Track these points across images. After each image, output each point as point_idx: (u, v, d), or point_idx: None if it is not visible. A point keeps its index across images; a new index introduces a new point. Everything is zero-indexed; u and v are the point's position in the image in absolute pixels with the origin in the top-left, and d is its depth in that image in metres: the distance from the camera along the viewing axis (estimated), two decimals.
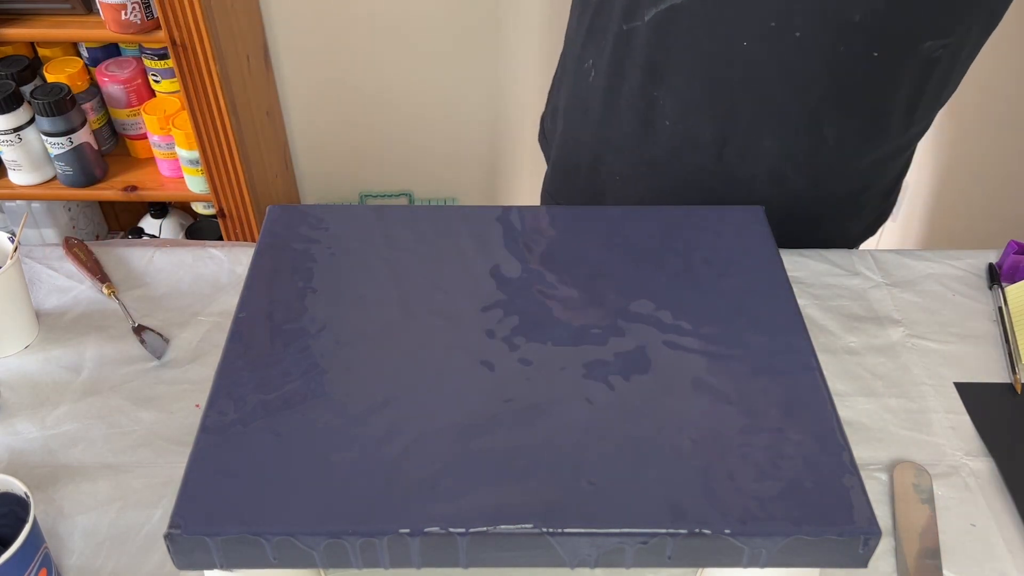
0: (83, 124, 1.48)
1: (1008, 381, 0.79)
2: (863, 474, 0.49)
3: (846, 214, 0.92)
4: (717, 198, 0.84)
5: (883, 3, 0.71)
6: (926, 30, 0.74)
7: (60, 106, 1.43)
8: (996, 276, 0.89)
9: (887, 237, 1.68)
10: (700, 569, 0.60)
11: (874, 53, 0.74)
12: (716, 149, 0.82)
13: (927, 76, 0.78)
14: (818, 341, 0.81)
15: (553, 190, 1.00)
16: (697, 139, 0.82)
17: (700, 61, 0.77)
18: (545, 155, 1.02)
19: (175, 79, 1.49)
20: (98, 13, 1.39)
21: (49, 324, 0.83)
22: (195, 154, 1.51)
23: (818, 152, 0.82)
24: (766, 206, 0.71)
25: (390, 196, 1.93)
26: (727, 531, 0.46)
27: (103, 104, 1.58)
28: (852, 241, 0.97)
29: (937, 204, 1.50)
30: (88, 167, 1.53)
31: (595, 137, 0.88)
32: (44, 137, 1.48)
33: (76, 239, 0.91)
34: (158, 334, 0.81)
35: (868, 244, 1.07)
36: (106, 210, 1.91)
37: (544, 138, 1.02)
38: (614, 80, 0.83)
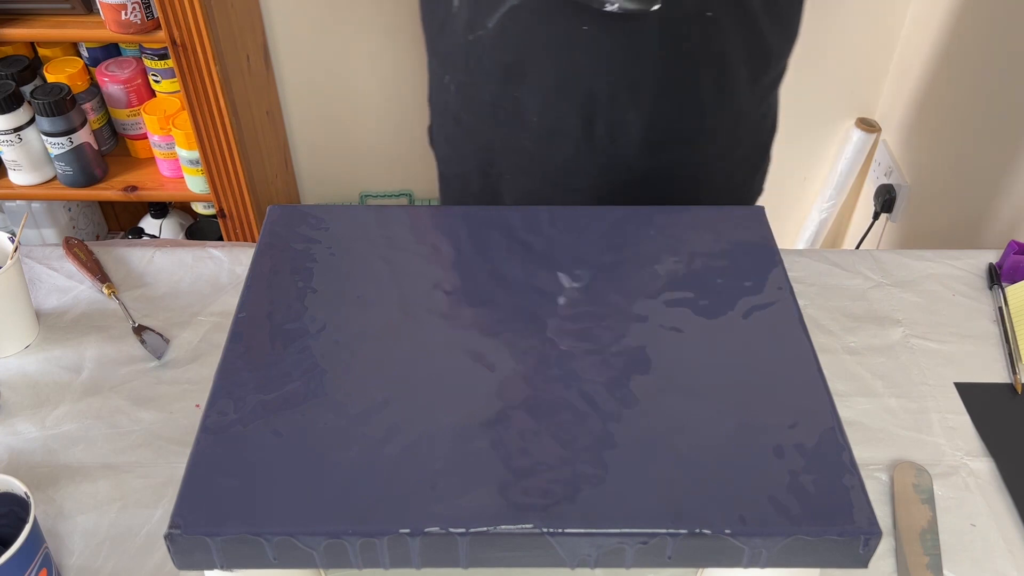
0: (83, 124, 1.48)
1: (1008, 381, 0.79)
2: (863, 474, 0.49)
3: (729, 171, 0.93)
4: (601, 179, 0.87)
5: None
6: None
7: (60, 106, 1.43)
8: (996, 276, 0.89)
9: (887, 237, 1.68)
10: (700, 569, 0.60)
11: (707, 13, 0.76)
12: (585, 133, 0.84)
13: (758, 25, 0.80)
14: (818, 341, 0.81)
15: (447, 199, 1.04)
16: (565, 127, 0.84)
17: (548, 52, 0.79)
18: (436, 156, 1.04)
19: (175, 79, 1.49)
20: (98, 13, 1.39)
21: (49, 324, 0.83)
22: (195, 154, 1.51)
23: (680, 117, 0.84)
24: (647, 177, 0.77)
25: (390, 196, 1.93)
26: (727, 531, 0.46)
27: (103, 104, 1.58)
28: (751, 197, 0.97)
29: (937, 204, 1.50)
30: (88, 167, 1.53)
31: (474, 144, 0.91)
32: (44, 137, 1.48)
33: (76, 239, 0.91)
34: (158, 334, 0.81)
35: (868, 244, 1.07)
36: (106, 210, 1.91)
37: (433, 147, 1.04)
38: (473, 90, 0.86)
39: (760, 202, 0.76)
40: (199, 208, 1.84)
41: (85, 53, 1.58)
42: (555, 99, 0.82)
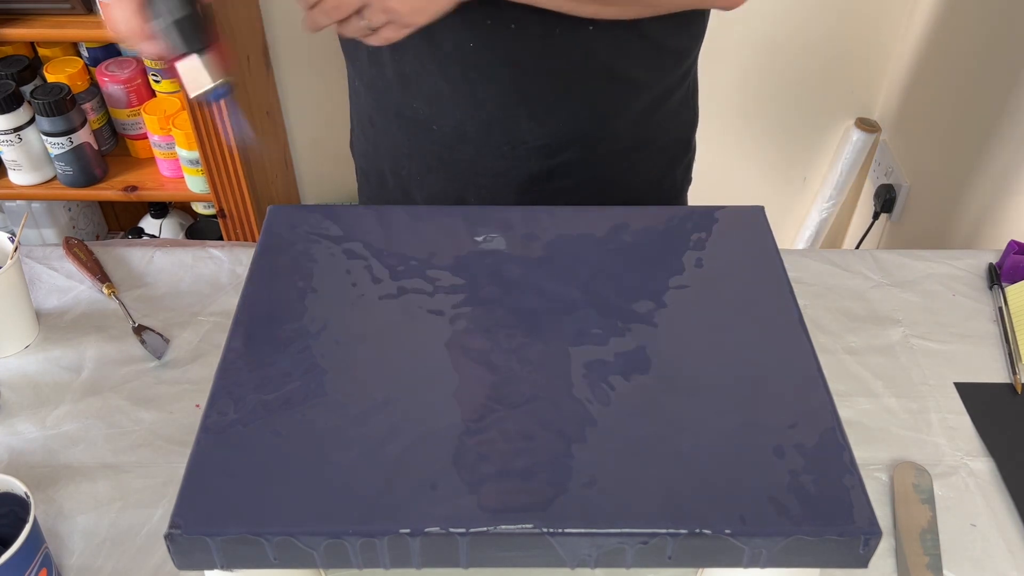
0: (83, 124, 1.48)
1: (1008, 381, 0.79)
2: (863, 474, 0.49)
3: (643, 165, 0.93)
4: (508, 177, 0.88)
5: None
6: None
7: (60, 106, 1.43)
8: (996, 276, 0.89)
9: (887, 237, 1.68)
10: (700, 569, 0.60)
11: (589, 27, 0.77)
12: (484, 139, 0.85)
13: (647, 31, 0.80)
14: (818, 341, 0.81)
15: (364, 197, 1.05)
16: (464, 133, 0.85)
17: (438, 65, 0.81)
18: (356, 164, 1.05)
19: (175, 79, 1.48)
20: (98, 13, 1.39)
21: (49, 324, 0.83)
22: (195, 154, 1.51)
23: (577, 122, 0.85)
24: (553, 172, 0.80)
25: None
26: (727, 531, 0.46)
27: (103, 104, 1.58)
28: (675, 188, 0.98)
29: (937, 204, 1.50)
30: (88, 167, 1.53)
31: (385, 145, 0.92)
32: (44, 137, 1.48)
33: (76, 239, 0.91)
34: (158, 334, 0.81)
35: (868, 244, 1.07)
36: (106, 210, 1.91)
37: (352, 149, 1.05)
38: (379, 95, 0.87)
39: (755, 201, 0.76)
40: (199, 208, 1.84)
41: (85, 53, 1.58)
42: (451, 108, 0.84)
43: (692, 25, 0.85)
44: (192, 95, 0.59)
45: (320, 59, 1.67)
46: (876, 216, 1.65)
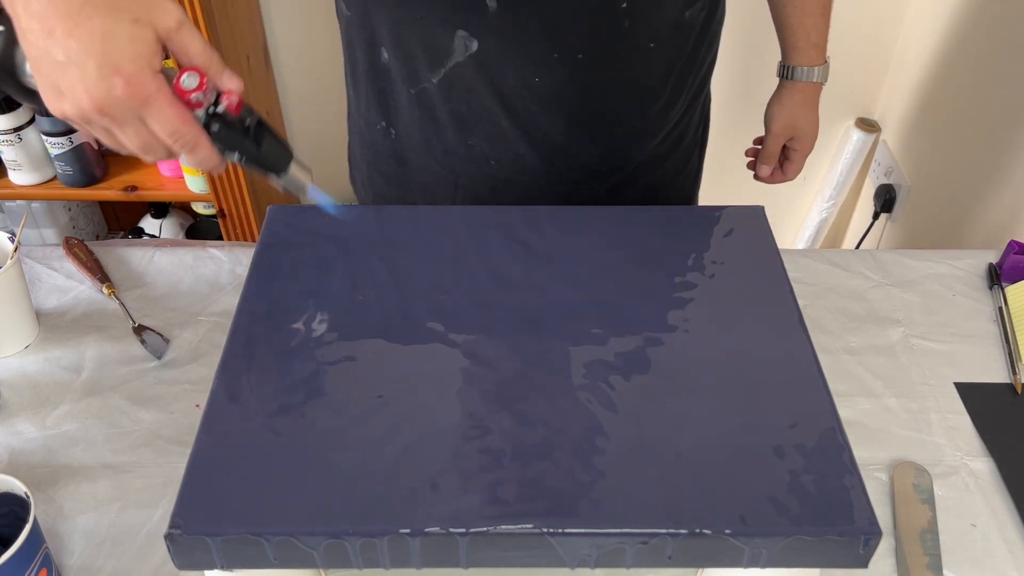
0: None
1: (1008, 381, 0.79)
2: (863, 474, 0.49)
3: (679, 180, 0.97)
4: (572, 203, 0.88)
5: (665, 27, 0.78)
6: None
7: None
8: (996, 276, 0.89)
9: (887, 237, 1.68)
10: (700, 569, 0.60)
11: (650, 44, 0.79)
12: (547, 168, 0.86)
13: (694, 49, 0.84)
14: (818, 341, 0.81)
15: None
16: (524, 166, 0.86)
17: (500, 102, 0.81)
18: (356, 195, 1.04)
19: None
20: None
21: (49, 324, 0.83)
22: None
23: (636, 138, 0.88)
24: (615, 192, 0.83)
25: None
26: (727, 531, 0.46)
27: None
28: (686, 196, 1.01)
29: (937, 204, 1.50)
30: (88, 167, 1.53)
31: (421, 182, 0.91)
32: (44, 137, 1.48)
33: (76, 239, 0.91)
34: (158, 334, 0.81)
35: (868, 244, 1.06)
36: (106, 210, 1.91)
37: (354, 182, 1.04)
38: (423, 136, 0.86)
39: (759, 202, 0.78)
40: (199, 208, 1.84)
41: None
42: (513, 143, 0.84)
43: (718, 33, 0.88)
44: (302, 199, 0.62)
45: (320, 59, 1.67)
46: (876, 216, 1.65)
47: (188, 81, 0.52)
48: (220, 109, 0.54)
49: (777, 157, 0.98)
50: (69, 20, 0.48)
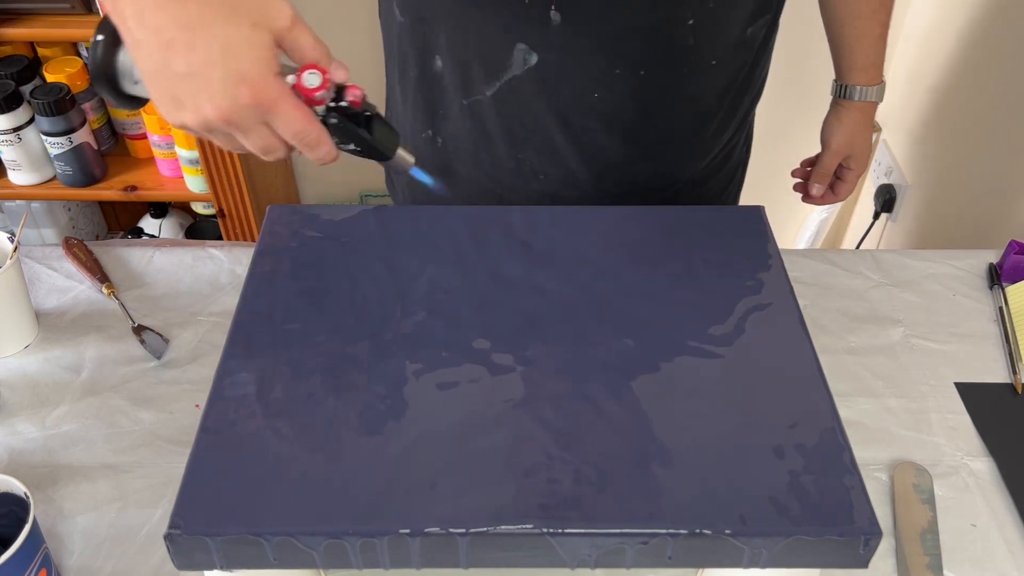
0: (83, 124, 1.48)
1: (1008, 381, 0.79)
2: (863, 474, 0.49)
3: (702, 197, 0.97)
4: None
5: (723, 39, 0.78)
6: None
7: (60, 106, 1.43)
8: (996, 276, 0.89)
9: (887, 237, 1.68)
10: (700, 569, 0.60)
11: (712, 61, 0.79)
12: (597, 183, 0.85)
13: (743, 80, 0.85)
14: (818, 341, 0.80)
15: None
16: (576, 181, 0.85)
17: (556, 116, 0.80)
18: (393, 198, 1.04)
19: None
20: (98, 13, 1.39)
21: (49, 324, 0.83)
22: (195, 154, 1.51)
23: (690, 154, 0.88)
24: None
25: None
26: (727, 531, 0.46)
27: (103, 104, 1.58)
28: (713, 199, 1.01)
29: (937, 204, 1.50)
30: (88, 167, 1.53)
31: (467, 191, 0.90)
32: (44, 137, 1.48)
33: (76, 239, 0.91)
34: (158, 334, 0.81)
35: (868, 244, 1.07)
36: (106, 210, 1.90)
37: (392, 185, 1.04)
38: (472, 147, 0.85)
39: (755, 201, 0.78)
40: (199, 208, 1.84)
41: (85, 53, 1.58)
42: (565, 158, 0.83)
43: (771, 52, 0.89)
44: (406, 177, 0.63)
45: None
46: (876, 216, 1.65)
47: (310, 79, 0.52)
48: (343, 103, 0.54)
49: (831, 176, 0.97)
50: (188, 31, 0.47)
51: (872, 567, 0.59)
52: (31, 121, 1.46)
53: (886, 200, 1.62)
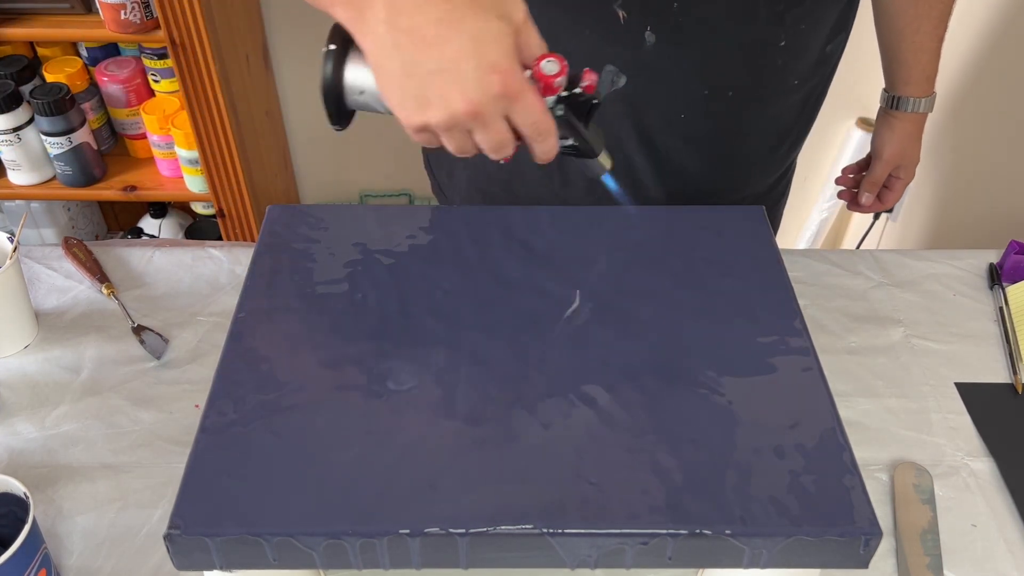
0: (82, 124, 1.48)
1: (1009, 381, 0.79)
2: (864, 474, 0.49)
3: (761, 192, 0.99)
4: None
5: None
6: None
7: (59, 106, 1.43)
8: (997, 276, 0.89)
9: (888, 237, 1.68)
10: (700, 570, 0.60)
11: (794, 81, 0.80)
12: (664, 200, 0.85)
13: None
14: (819, 341, 0.80)
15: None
16: (645, 197, 0.85)
17: (638, 138, 0.80)
18: (433, 178, 1.03)
19: (174, 79, 1.48)
20: (97, 13, 1.39)
21: (48, 324, 0.83)
22: (194, 154, 1.51)
23: (767, 171, 0.90)
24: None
25: (390, 196, 1.92)
26: (728, 531, 0.46)
27: (102, 104, 1.58)
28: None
29: (938, 204, 1.50)
30: (87, 167, 1.52)
31: (517, 195, 0.89)
32: (43, 137, 1.47)
33: (75, 239, 0.91)
34: (157, 334, 0.81)
35: (869, 244, 1.07)
36: (105, 210, 1.90)
37: (430, 167, 1.02)
38: (542, 169, 0.84)
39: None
40: (198, 208, 1.84)
41: (84, 53, 1.58)
42: (645, 179, 0.83)
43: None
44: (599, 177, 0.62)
45: (319, 59, 1.67)
46: (877, 216, 1.65)
47: (549, 67, 0.52)
48: (577, 90, 0.55)
49: (881, 185, 0.98)
50: (442, 26, 0.48)
51: (872, 567, 0.59)
52: (31, 121, 1.46)
53: None
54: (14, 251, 0.77)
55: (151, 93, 1.58)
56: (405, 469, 0.49)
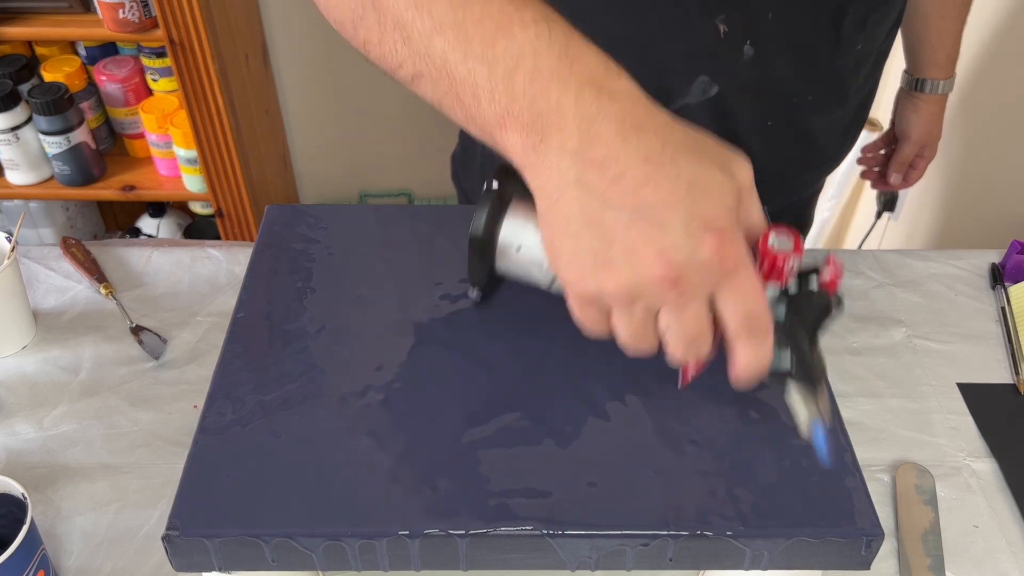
0: (81, 123, 1.48)
1: (1011, 382, 0.79)
2: (865, 475, 0.49)
3: (801, 211, 1.02)
4: None
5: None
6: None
7: (58, 105, 1.43)
8: (999, 276, 0.89)
9: (889, 237, 1.68)
10: (701, 571, 0.60)
11: (856, 86, 0.82)
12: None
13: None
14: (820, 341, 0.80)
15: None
16: None
17: (726, 139, 0.79)
18: (459, 188, 1.01)
19: (173, 78, 1.48)
20: (96, 12, 1.39)
21: (47, 324, 0.83)
22: (193, 153, 1.51)
23: (803, 188, 0.93)
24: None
25: (390, 196, 1.92)
26: (729, 533, 0.46)
27: (101, 103, 1.58)
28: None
29: (940, 204, 1.50)
30: (86, 166, 1.52)
31: None
32: (42, 136, 1.47)
33: (74, 239, 0.91)
34: (156, 334, 0.81)
35: (870, 244, 1.07)
36: (104, 210, 1.90)
37: (457, 176, 1.01)
38: None
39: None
40: (197, 208, 1.83)
41: (83, 52, 1.57)
42: None
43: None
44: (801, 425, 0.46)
45: (319, 59, 1.66)
46: (878, 216, 1.65)
47: (781, 243, 0.40)
48: (811, 286, 0.41)
49: (907, 165, 1.02)
50: (647, 164, 0.37)
51: (874, 568, 0.59)
52: (29, 120, 1.46)
53: (888, 200, 1.62)
54: (12, 251, 0.77)
55: (149, 92, 1.58)
56: (405, 469, 0.49)
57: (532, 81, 0.38)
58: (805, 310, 0.41)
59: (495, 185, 0.44)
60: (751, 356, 0.41)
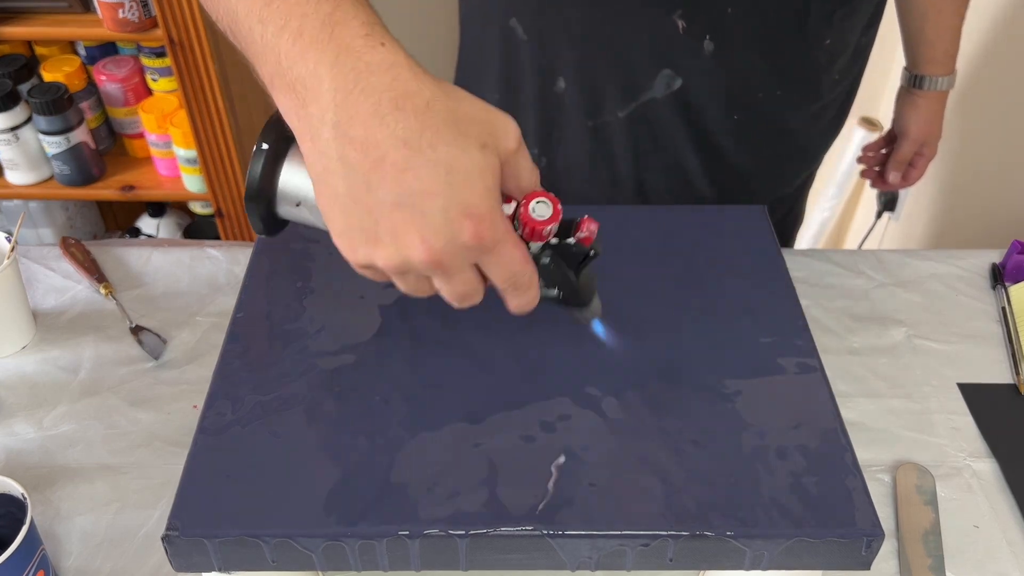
0: (80, 123, 1.48)
1: (1012, 382, 0.79)
2: (866, 475, 0.49)
3: (792, 208, 1.01)
4: None
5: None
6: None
7: (57, 105, 1.42)
8: (999, 276, 0.89)
9: (890, 237, 1.68)
10: (701, 571, 0.60)
11: (836, 76, 0.82)
12: (712, 198, 0.87)
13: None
14: (820, 341, 0.80)
15: None
16: (700, 198, 0.86)
17: (691, 139, 0.81)
18: None
19: (172, 77, 1.48)
20: (95, 11, 1.39)
21: (46, 324, 0.83)
22: (193, 153, 1.51)
23: (789, 180, 0.92)
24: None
25: None
26: (729, 533, 0.46)
27: (100, 103, 1.57)
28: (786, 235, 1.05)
29: (940, 204, 1.49)
30: (85, 166, 1.52)
31: (575, 199, 0.90)
32: (41, 136, 1.47)
33: (73, 239, 0.91)
34: (156, 334, 0.81)
35: (871, 244, 1.07)
36: (104, 210, 1.90)
37: None
38: (590, 166, 0.85)
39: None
40: (196, 208, 1.83)
41: (82, 51, 1.57)
42: (692, 177, 0.84)
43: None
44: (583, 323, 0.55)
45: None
46: (879, 215, 1.64)
47: (541, 210, 0.44)
48: (569, 240, 0.46)
49: (908, 163, 1.01)
50: (406, 149, 0.38)
51: (874, 569, 0.59)
52: (28, 120, 1.46)
53: (889, 200, 1.61)
54: (12, 251, 0.77)
55: (149, 92, 1.58)
56: (404, 469, 0.48)
57: (294, 44, 0.38)
58: (567, 256, 0.48)
59: (264, 145, 0.45)
60: (519, 302, 0.46)
